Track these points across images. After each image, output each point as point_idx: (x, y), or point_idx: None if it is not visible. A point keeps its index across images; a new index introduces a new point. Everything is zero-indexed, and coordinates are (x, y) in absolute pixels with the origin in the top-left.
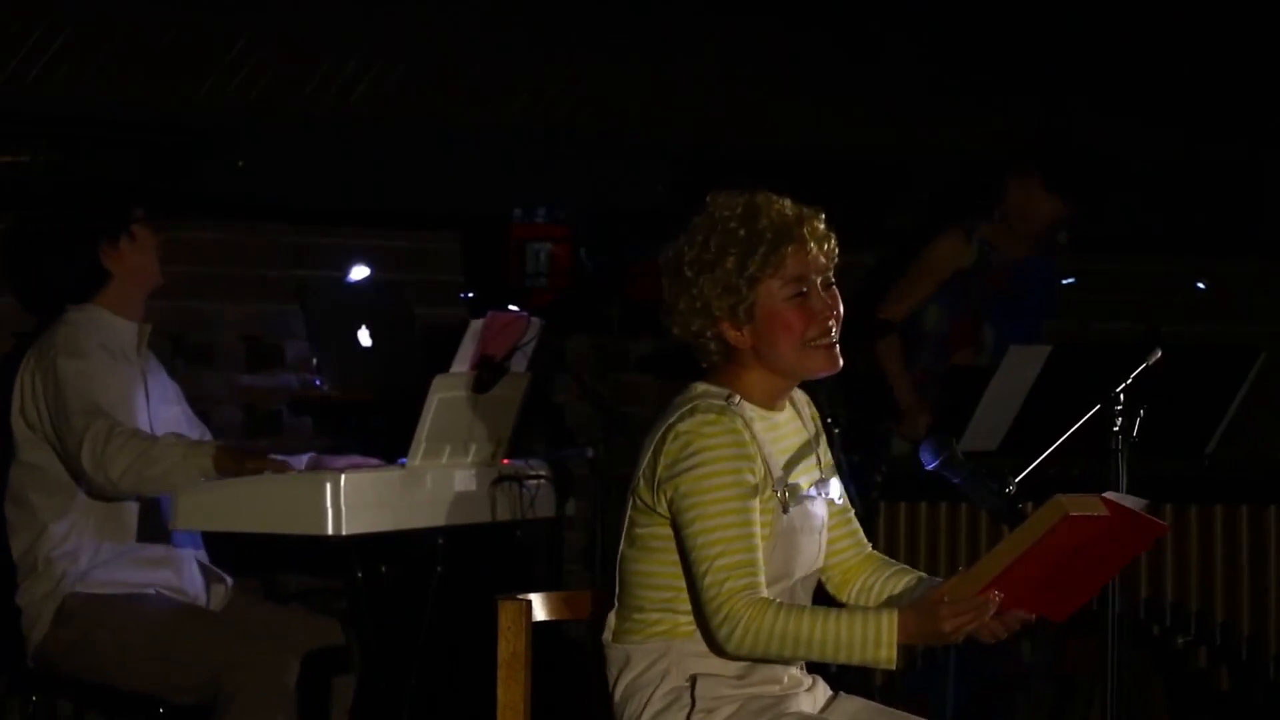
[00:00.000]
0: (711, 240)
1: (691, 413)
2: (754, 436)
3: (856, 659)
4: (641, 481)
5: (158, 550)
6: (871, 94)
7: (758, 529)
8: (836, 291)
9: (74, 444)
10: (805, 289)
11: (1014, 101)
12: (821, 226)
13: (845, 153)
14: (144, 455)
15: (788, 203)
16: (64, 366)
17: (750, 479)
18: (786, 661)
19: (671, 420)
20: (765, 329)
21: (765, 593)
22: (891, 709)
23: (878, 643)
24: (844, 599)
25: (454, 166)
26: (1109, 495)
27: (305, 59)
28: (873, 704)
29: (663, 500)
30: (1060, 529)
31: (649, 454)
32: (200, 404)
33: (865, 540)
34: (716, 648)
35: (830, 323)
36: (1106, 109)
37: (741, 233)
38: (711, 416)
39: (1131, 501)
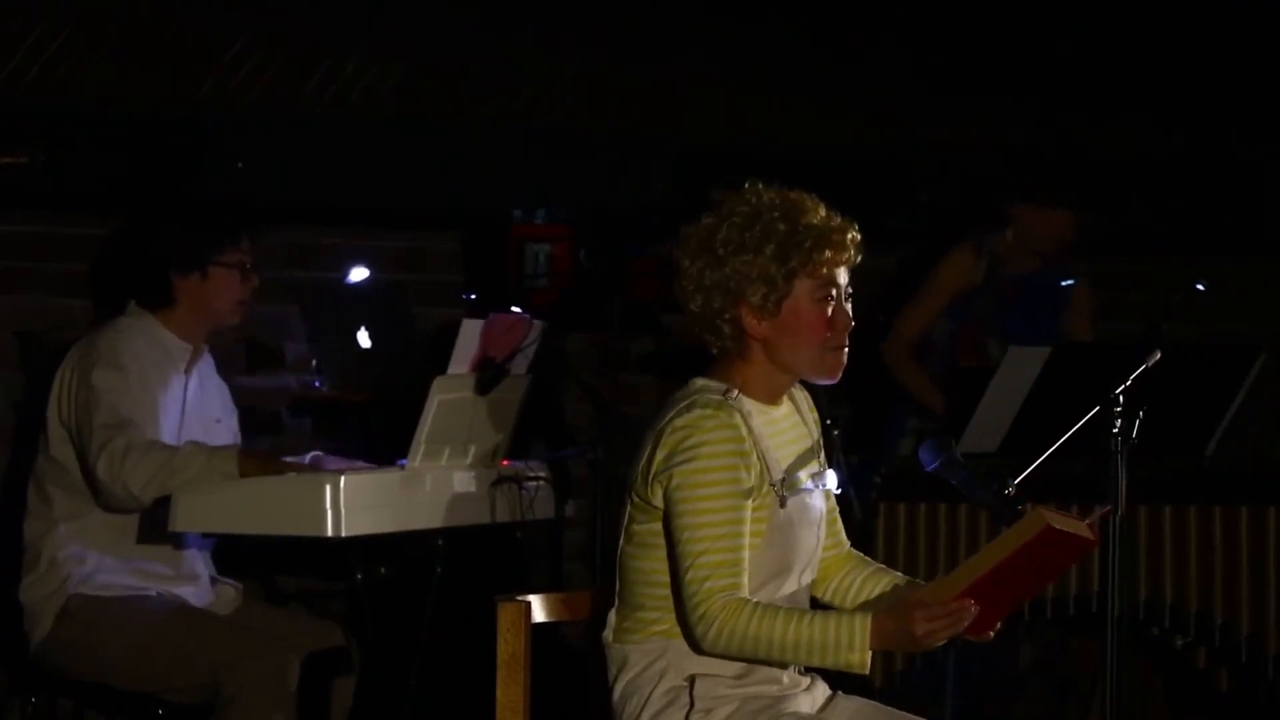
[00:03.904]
0: (755, 225)
1: (690, 408)
2: (751, 431)
3: (829, 662)
4: (639, 477)
5: (165, 555)
6: (871, 94)
7: (746, 530)
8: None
9: (93, 456)
10: (834, 294)
11: (1014, 101)
12: (857, 239)
13: (844, 153)
14: (166, 466)
15: (824, 208)
16: (99, 377)
17: (745, 478)
18: (761, 662)
19: (670, 415)
20: (788, 325)
21: (745, 593)
22: (891, 708)
23: (850, 645)
24: (819, 595)
25: (454, 166)
26: (1049, 514)
27: (305, 59)
28: (871, 703)
29: (658, 493)
30: (1039, 540)
31: (647, 449)
32: None
33: (845, 539)
34: (697, 645)
35: (846, 334)
36: (1106, 109)
37: (783, 226)
38: (710, 411)
39: (1060, 519)
